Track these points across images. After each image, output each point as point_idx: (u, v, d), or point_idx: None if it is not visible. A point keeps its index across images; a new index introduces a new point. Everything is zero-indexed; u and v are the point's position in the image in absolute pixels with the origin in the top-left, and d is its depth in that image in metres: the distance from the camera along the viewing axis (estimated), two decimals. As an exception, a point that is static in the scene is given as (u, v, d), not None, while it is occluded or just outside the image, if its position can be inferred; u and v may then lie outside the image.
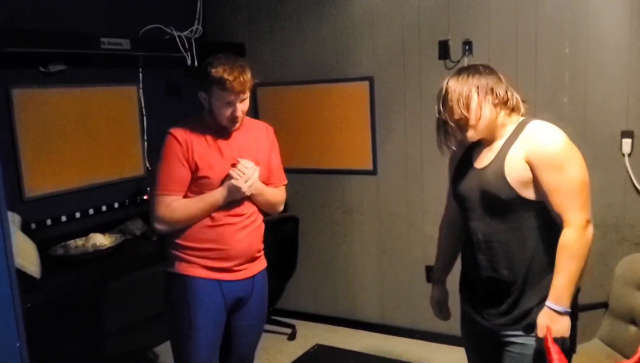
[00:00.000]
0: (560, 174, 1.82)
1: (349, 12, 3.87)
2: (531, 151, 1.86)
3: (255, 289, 2.47)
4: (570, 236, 1.82)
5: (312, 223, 4.24)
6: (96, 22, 3.52)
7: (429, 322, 3.91)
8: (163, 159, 2.30)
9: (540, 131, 1.89)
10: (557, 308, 1.83)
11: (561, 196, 1.83)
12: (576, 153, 1.87)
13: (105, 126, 3.65)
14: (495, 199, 1.92)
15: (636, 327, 2.56)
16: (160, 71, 4.00)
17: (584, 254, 1.83)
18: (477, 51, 3.48)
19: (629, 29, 3.13)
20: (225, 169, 2.33)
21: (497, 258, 1.97)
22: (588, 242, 1.83)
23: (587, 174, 1.87)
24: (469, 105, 1.92)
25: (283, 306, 4.43)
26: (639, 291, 2.59)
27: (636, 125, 3.17)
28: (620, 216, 3.26)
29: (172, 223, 2.30)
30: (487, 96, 1.93)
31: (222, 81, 2.22)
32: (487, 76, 1.95)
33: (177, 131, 2.31)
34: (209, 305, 2.35)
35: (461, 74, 1.97)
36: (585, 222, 1.83)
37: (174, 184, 2.28)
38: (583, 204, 1.83)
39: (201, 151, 2.30)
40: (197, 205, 2.30)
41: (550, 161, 1.83)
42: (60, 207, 3.41)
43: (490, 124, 1.95)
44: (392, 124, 3.85)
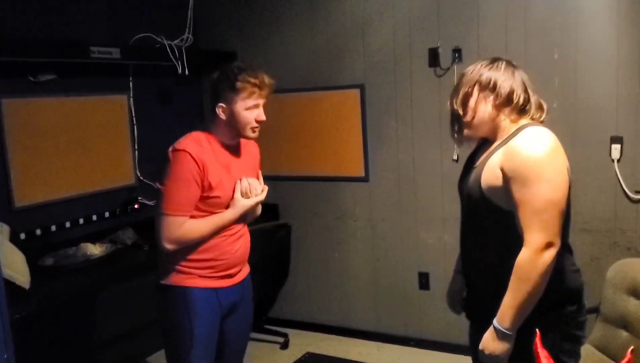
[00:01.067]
0: (526, 189, 1.70)
1: (340, 20, 3.89)
2: (506, 159, 1.77)
3: (245, 293, 2.50)
4: (523, 258, 1.71)
5: (304, 231, 4.24)
6: (86, 31, 3.51)
7: (423, 329, 3.92)
8: (178, 178, 2.22)
9: (523, 140, 1.77)
10: (498, 327, 1.75)
11: (524, 212, 1.71)
12: (554, 170, 1.72)
13: (95, 135, 3.63)
14: (470, 202, 1.90)
15: (628, 332, 2.56)
16: (151, 80, 3.99)
17: (534, 278, 1.69)
18: (467, 58, 3.50)
19: (617, 35, 3.15)
20: (231, 188, 2.34)
21: (467, 262, 1.98)
22: (541, 266, 1.69)
23: (563, 195, 1.73)
24: (466, 102, 1.87)
25: (275, 314, 4.41)
26: (630, 296, 2.59)
27: (625, 131, 3.19)
28: (611, 221, 3.28)
29: (183, 244, 2.27)
30: (488, 93, 1.85)
31: (251, 86, 2.25)
32: (496, 72, 1.86)
33: (192, 148, 2.23)
34: (208, 315, 2.35)
35: (476, 66, 1.91)
36: (543, 245, 1.69)
37: (187, 205, 2.24)
38: (544, 225, 1.69)
39: (213, 170, 2.26)
40: (210, 227, 2.29)
41: (519, 173, 1.72)
42: (50, 217, 3.38)
43: (489, 124, 1.88)
44: (384, 131, 3.86)
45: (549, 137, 1.76)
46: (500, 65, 1.88)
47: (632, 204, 3.23)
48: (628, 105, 3.17)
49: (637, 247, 3.24)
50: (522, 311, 1.72)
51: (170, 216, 2.22)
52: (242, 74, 2.25)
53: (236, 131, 2.32)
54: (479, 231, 1.91)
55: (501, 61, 1.90)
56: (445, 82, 3.58)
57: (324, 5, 3.92)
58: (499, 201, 1.79)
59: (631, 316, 2.54)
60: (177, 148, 2.23)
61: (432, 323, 3.86)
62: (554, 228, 1.70)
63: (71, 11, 3.47)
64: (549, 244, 1.69)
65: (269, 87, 2.32)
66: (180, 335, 2.34)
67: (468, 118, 1.88)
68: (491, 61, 1.90)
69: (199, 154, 2.23)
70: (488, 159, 1.85)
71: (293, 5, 4.02)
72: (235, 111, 2.27)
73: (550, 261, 1.70)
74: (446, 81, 3.58)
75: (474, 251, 1.94)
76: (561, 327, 1.82)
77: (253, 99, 2.28)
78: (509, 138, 1.83)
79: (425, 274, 3.86)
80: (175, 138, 2.32)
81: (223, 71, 2.33)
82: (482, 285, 1.92)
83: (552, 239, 1.69)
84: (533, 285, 1.70)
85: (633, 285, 2.59)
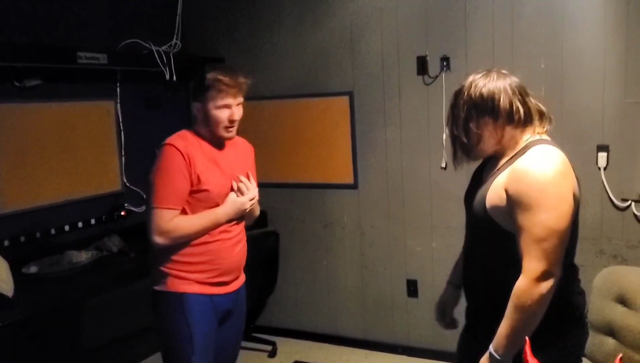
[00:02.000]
0: (528, 215, 1.63)
1: (329, 28, 3.89)
2: (510, 181, 1.70)
3: (239, 302, 2.49)
4: (520, 286, 1.65)
5: (293, 238, 4.22)
6: (73, 36, 3.49)
7: (411, 336, 3.91)
8: (164, 170, 2.24)
9: (529, 162, 1.68)
10: (494, 354, 1.71)
11: (524, 239, 1.64)
12: (558, 197, 1.64)
13: (82, 142, 3.60)
14: (475, 219, 1.85)
15: (615, 340, 2.57)
16: (139, 86, 3.97)
17: (530, 308, 1.64)
18: (455, 66, 3.52)
19: (603, 45, 3.18)
20: (223, 183, 2.35)
21: (468, 278, 1.94)
22: (538, 297, 1.62)
23: (566, 224, 1.64)
24: (468, 127, 1.78)
25: (263, 322, 4.38)
26: (617, 303, 2.60)
27: (611, 139, 3.22)
28: (597, 229, 3.29)
29: (174, 239, 2.26)
30: (488, 114, 1.76)
31: (219, 83, 2.24)
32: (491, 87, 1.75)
33: (177, 142, 2.26)
34: (206, 321, 2.34)
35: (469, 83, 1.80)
36: (540, 274, 1.62)
37: (175, 198, 2.24)
38: (544, 254, 1.62)
39: (201, 164, 2.28)
40: (201, 223, 2.28)
41: (522, 198, 1.64)
42: (34, 223, 3.34)
43: (494, 145, 1.81)
44: (373, 138, 3.86)
45: (556, 159, 1.69)
46: (493, 77, 1.78)
47: (619, 212, 3.25)
48: (614, 114, 3.20)
49: (624, 255, 3.26)
50: (517, 340, 1.66)
51: (159, 209, 2.22)
52: (212, 73, 2.27)
53: (211, 129, 2.33)
54: (483, 248, 1.86)
55: (492, 73, 1.81)
56: (433, 90, 3.60)
57: (313, 12, 3.92)
58: (502, 222, 1.73)
59: (618, 323, 2.55)
60: (165, 143, 2.27)
61: (420, 330, 3.85)
62: (554, 257, 1.63)
63: (58, 16, 3.45)
64: (547, 273, 1.63)
65: (240, 86, 2.30)
66: (179, 342, 2.32)
67: (474, 143, 1.80)
68: (483, 75, 1.80)
69: (185, 149, 2.25)
70: (495, 178, 1.78)
71: (282, 13, 4.03)
72: (206, 109, 2.29)
73: (547, 291, 1.63)
74: (434, 89, 3.59)
75: (476, 267, 1.90)
76: (560, 343, 1.77)
77: (221, 98, 2.27)
78: (515, 156, 1.76)
79: (413, 281, 3.85)
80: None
81: (200, 71, 2.35)
82: (481, 300, 1.89)
83: (550, 268, 1.63)
84: (529, 315, 1.65)
85: (620, 292, 2.59)
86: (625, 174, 3.20)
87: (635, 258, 3.23)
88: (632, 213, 3.21)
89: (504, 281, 1.72)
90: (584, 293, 1.89)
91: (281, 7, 4.02)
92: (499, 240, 1.76)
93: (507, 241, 1.71)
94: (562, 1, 3.24)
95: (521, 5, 3.33)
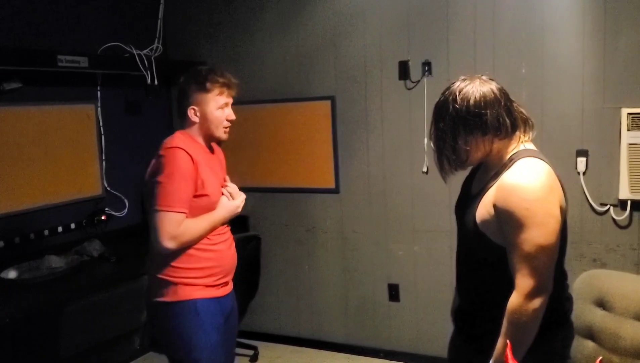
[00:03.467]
0: (517, 232, 1.64)
1: (311, 32, 3.90)
2: (498, 197, 1.69)
3: (234, 302, 2.54)
4: (513, 302, 1.66)
5: (274, 242, 4.21)
6: (53, 39, 3.45)
7: (393, 340, 3.92)
8: (176, 173, 2.20)
9: (515, 178, 1.67)
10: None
11: (515, 256, 1.65)
12: (546, 213, 1.64)
13: (62, 146, 3.57)
14: (466, 232, 1.84)
15: (594, 343, 2.60)
16: (120, 90, 3.94)
17: (525, 324, 1.65)
18: (437, 71, 3.54)
19: (582, 51, 3.22)
20: (218, 188, 2.40)
21: (461, 288, 1.94)
22: (532, 312, 1.64)
23: (555, 239, 1.65)
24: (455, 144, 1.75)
25: (245, 327, 4.35)
26: (597, 307, 2.63)
27: (590, 144, 3.26)
28: (577, 233, 3.33)
29: (183, 243, 2.24)
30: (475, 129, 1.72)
31: (218, 82, 2.32)
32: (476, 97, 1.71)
33: (186, 145, 2.26)
34: (218, 324, 2.37)
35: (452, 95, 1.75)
36: (532, 290, 1.63)
37: (184, 201, 2.23)
38: (535, 271, 1.63)
39: (203, 169, 2.30)
40: (204, 226, 2.30)
41: (511, 215, 1.65)
42: (13, 228, 3.30)
43: (483, 157, 1.79)
44: (354, 143, 3.87)
45: (542, 173, 1.68)
46: (477, 86, 1.74)
47: (598, 216, 3.29)
48: (593, 119, 3.24)
49: (603, 258, 3.30)
50: (515, 353, 1.61)
51: (170, 212, 2.19)
52: (211, 75, 2.34)
53: (209, 132, 2.37)
54: (474, 261, 1.86)
55: (475, 80, 1.76)
56: (415, 95, 3.62)
57: (295, 16, 3.93)
58: (493, 236, 1.74)
59: (598, 326, 2.58)
60: (172, 145, 2.24)
61: (402, 334, 3.86)
62: (544, 273, 1.65)
63: (38, 19, 3.41)
64: (539, 289, 1.64)
65: (236, 86, 2.41)
66: (198, 351, 2.30)
67: (462, 159, 1.78)
68: (467, 84, 1.75)
69: (191, 152, 2.26)
70: (484, 193, 1.77)
71: (264, 17, 4.02)
72: (207, 111, 2.34)
73: (540, 306, 1.65)
74: (416, 93, 3.61)
75: (466, 274, 1.92)
76: (547, 346, 1.78)
77: (224, 98, 2.36)
78: (502, 168, 1.75)
79: (395, 285, 3.86)
80: (143, 149, 2.30)
81: (191, 73, 2.39)
82: (470, 305, 1.90)
83: (542, 284, 1.64)
84: (524, 329, 1.67)
85: (599, 296, 2.63)
86: (604, 179, 3.25)
87: (614, 262, 3.27)
88: (611, 217, 3.26)
89: (491, 290, 1.75)
90: (571, 298, 1.92)
91: (263, 12, 4.02)
92: (489, 253, 1.76)
93: (498, 254, 1.72)
94: (542, 8, 3.28)
95: (502, 12, 3.37)
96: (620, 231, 3.26)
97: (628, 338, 2.48)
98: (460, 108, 1.72)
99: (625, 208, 3.20)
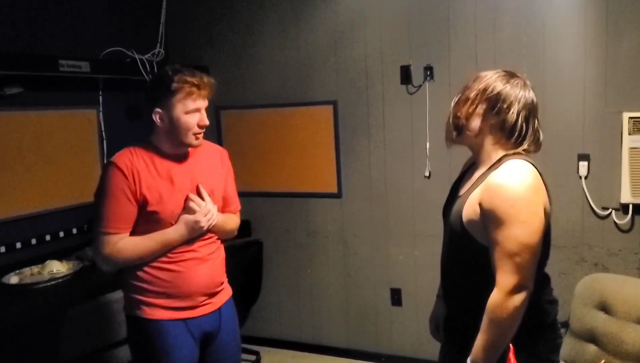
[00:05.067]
0: (500, 230, 1.66)
1: (313, 37, 3.90)
2: (484, 195, 1.72)
3: (224, 321, 2.32)
4: (493, 299, 1.68)
5: (276, 247, 4.21)
6: (55, 44, 3.46)
7: (395, 345, 3.91)
8: (106, 193, 2.07)
9: (503, 177, 1.70)
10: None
11: (497, 253, 1.67)
12: (530, 212, 1.67)
13: (63, 150, 3.57)
14: (452, 231, 1.86)
15: (596, 347, 2.59)
16: (121, 95, 3.95)
17: (504, 321, 1.67)
18: (438, 75, 3.54)
19: (584, 55, 3.23)
20: (177, 202, 2.14)
21: (446, 288, 1.95)
22: (513, 310, 1.66)
23: (537, 238, 1.67)
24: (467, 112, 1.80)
25: (247, 332, 4.35)
26: (598, 311, 2.63)
27: (592, 148, 3.26)
28: (578, 237, 3.33)
29: (119, 264, 2.13)
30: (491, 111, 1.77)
31: (188, 85, 2.05)
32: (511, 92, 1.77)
33: (122, 160, 2.09)
34: (180, 348, 2.18)
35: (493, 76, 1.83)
36: (513, 287, 1.65)
37: (119, 221, 2.07)
38: (516, 268, 1.65)
39: (150, 183, 2.09)
40: (148, 245, 2.10)
41: (495, 213, 1.67)
42: (15, 233, 3.30)
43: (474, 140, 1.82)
44: (356, 147, 3.87)
45: (528, 174, 1.71)
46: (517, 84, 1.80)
47: (599, 220, 3.29)
48: (595, 123, 3.24)
49: (604, 262, 3.30)
50: (493, 351, 1.71)
51: (102, 234, 2.07)
52: (178, 75, 2.06)
53: (177, 138, 2.13)
54: (459, 261, 1.87)
55: (519, 79, 1.83)
56: (417, 99, 3.62)
57: (297, 21, 3.93)
58: (478, 236, 1.75)
59: (599, 330, 2.58)
60: (110, 160, 2.11)
61: (404, 339, 3.86)
62: (526, 271, 1.67)
63: (40, 24, 3.42)
64: (520, 287, 1.66)
65: (210, 87, 2.12)
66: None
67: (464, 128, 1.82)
68: (508, 75, 1.83)
69: (130, 165, 2.08)
70: (470, 192, 1.80)
71: (266, 21, 4.03)
72: (173, 116, 2.09)
73: (521, 303, 1.67)
74: (418, 98, 3.61)
75: (453, 279, 1.92)
76: (529, 350, 1.78)
77: (192, 101, 2.07)
78: (490, 169, 1.78)
79: (397, 290, 3.86)
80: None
81: (158, 73, 2.15)
82: (460, 312, 1.90)
83: (523, 282, 1.66)
84: (504, 327, 1.69)
85: (601, 300, 2.62)
86: (606, 182, 3.24)
87: (615, 266, 3.27)
88: (613, 221, 3.25)
89: (480, 294, 1.74)
90: (556, 302, 1.91)
91: (265, 16, 4.03)
92: (476, 254, 1.77)
93: (484, 255, 1.73)
94: (543, 12, 3.29)
95: (503, 16, 3.37)
96: (622, 235, 3.25)
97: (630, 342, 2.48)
98: (492, 89, 1.78)
99: (627, 212, 3.20)
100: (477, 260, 1.76)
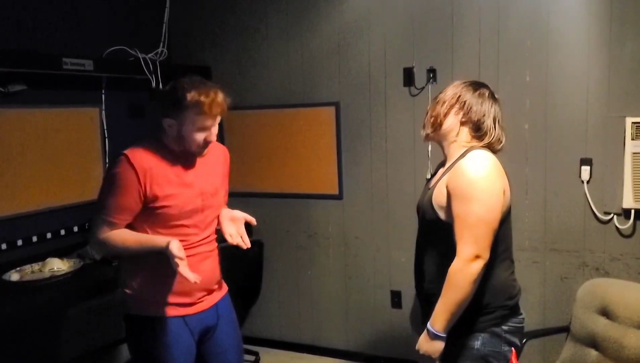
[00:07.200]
0: (462, 205, 1.89)
1: (316, 38, 3.90)
2: (450, 177, 1.95)
3: (221, 315, 2.38)
4: (454, 266, 1.88)
5: (276, 248, 4.21)
6: (58, 42, 3.46)
7: (394, 347, 3.91)
8: (115, 185, 2.11)
9: (467, 161, 1.94)
10: (431, 329, 1.94)
11: (458, 226, 1.89)
12: (488, 191, 1.89)
13: (65, 148, 3.57)
14: (424, 219, 2.09)
15: (597, 351, 2.59)
16: (124, 93, 3.95)
17: (463, 286, 1.87)
18: (441, 78, 3.54)
19: (587, 59, 3.22)
20: (187, 198, 2.20)
21: (418, 274, 2.16)
22: (470, 276, 1.86)
23: (495, 215, 1.90)
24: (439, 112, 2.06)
25: (246, 332, 4.35)
26: (600, 316, 2.63)
27: (594, 153, 3.26)
28: (580, 241, 3.33)
29: (105, 252, 2.22)
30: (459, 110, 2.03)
31: (200, 105, 2.08)
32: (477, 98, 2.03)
33: (135, 156, 2.12)
34: (180, 344, 2.23)
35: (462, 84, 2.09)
36: (472, 256, 1.86)
37: (122, 213, 2.13)
38: (475, 239, 1.86)
39: (161, 180, 2.14)
40: (134, 240, 2.14)
41: (458, 190, 1.90)
42: (16, 230, 3.30)
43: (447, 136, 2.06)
44: (358, 149, 3.87)
45: (490, 161, 1.95)
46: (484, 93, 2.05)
47: (601, 225, 3.28)
48: (597, 127, 3.24)
49: (606, 267, 3.29)
50: (452, 316, 1.91)
51: (105, 219, 2.13)
52: (193, 92, 2.09)
53: (183, 146, 2.18)
54: (430, 245, 2.08)
55: (486, 89, 2.07)
56: (419, 101, 3.62)
57: (300, 22, 3.93)
58: (446, 217, 1.96)
59: (600, 335, 2.58)
60: (122, 152, 2.15)
61: (404, 341, 3.85)
62: (483, 242, 1.87)
63: (43, 22, 3.42)
64: (477, 256, 1.86)
65: (221, 107, 2.15)
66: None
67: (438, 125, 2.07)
68: (477, 85, 2.08)
69: (142, 162, 2.11)
70: (439, 179, 2.04)
71: (269, 23, 4.03)
72: (182, 129, 2.13)
73: (478, 271, 1.86)
74: (420, 100, 3.61)
75: (425, 263, 2.11)
76: (494, 329, 1.98)
77: (201, 121, 2.11)
78: (457, 160, 2.00)
79: (397, 292, 3.86)
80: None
81: (174, 84, 2.17)
82: (431, 294, 2.03)
83: (480, 252, 1.87)
84: (462, 292, 1.88)
85: (602, 305, 2.63)
86: (608, 187, 3.24)
87: (617, 271, 3.26)
88: (615, 226, 3.25)
89: (445, 265, 1.92)
90: (518, 287, 2.10)
91: (268, 18, 4.03)
92: (444, 234, 1.96)
93: (449, 231, 1.93)
94: (547, 16, 3.29)
95: (507, 19, 3.37)
96: (624, 240, 3.25)
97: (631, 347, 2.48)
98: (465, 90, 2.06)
99: (629, 217, 3.20)
100: (445, 239, 1.95)
